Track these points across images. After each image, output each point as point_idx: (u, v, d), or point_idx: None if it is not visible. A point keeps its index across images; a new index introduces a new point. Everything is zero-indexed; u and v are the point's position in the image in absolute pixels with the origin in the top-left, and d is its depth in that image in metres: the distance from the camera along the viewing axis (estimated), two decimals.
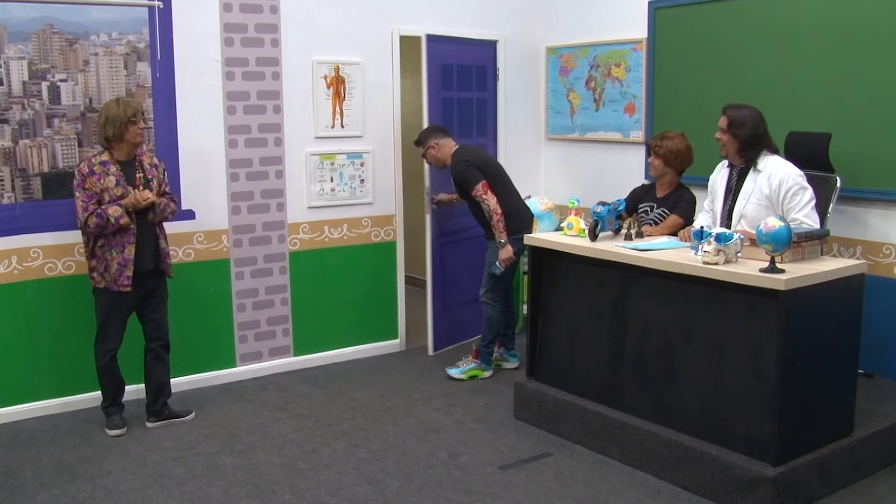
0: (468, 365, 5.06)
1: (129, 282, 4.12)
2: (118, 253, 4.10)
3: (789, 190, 3.77)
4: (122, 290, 4.13)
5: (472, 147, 5.12)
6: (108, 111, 4.08)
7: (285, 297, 5.21)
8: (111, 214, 4.01)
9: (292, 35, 5.04)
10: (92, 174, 4.06)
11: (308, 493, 3.64)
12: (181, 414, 4.47)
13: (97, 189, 4.05)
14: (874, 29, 4.23)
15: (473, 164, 4.82)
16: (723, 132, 3.95)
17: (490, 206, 4.75)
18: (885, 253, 4.34)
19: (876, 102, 4.26)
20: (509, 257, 4.82)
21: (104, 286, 4.14)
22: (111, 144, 4.11)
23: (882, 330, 4.33)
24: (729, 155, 4.00)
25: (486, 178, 4.79)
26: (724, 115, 3.95)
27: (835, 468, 3.56)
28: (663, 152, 4.46)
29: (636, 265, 3.82)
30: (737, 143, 3.91)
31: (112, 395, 4.34)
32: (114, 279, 4.11)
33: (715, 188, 4.12)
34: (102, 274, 4.13)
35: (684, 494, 3.59)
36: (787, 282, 3.27)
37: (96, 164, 4.09)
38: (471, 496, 3.60)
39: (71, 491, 3.67)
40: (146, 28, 4.62)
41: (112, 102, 4.12)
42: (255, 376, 5.09)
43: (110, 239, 4.09)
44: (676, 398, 3.74)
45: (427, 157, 5.03)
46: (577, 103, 5.87)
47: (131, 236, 4.11)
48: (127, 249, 4.10)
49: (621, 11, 5.51)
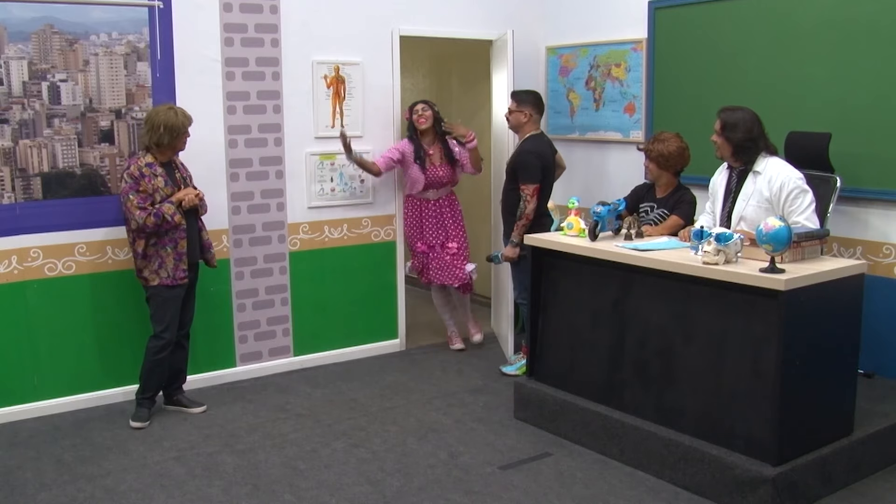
0: (521, 361, 5.07)
1: (185, 274, 4.35)
2: (172, 249, 4.29)
3: (790, 193, 3.77)
4: (181, 282, 4.35)
5: (547, 141, 5.07)
6: (168, 119, 4.23)
7: (285, 297, 5.21)
8: (167, 212, 4.20)
9: (292, 35, 5.04)
10: (143, 177, 4.20)
11: (308, 493, 3.64)
12: (189, 405, 4.59)
13: (150, 190, 4.20)
14: (874, 29, 4.23)
15: (540, 164, 4.85)
16: (717, 135, 3.97)
17: (527, 209, 4.81)
18: (885, 253, 4.33)
19: (876, 102, 4.25)
20: (513, 257, 4.87)
21: (158, 283, 4.29)
22: (159, 149, 4.28)
23: (882, 330, 4.33)
24: (724, 157, 4.02)
25: (540, 182, 4.84)
26: (718, 117, 3.97)
27: (835, 468, 3.56)
28: (654, 156, 4.47)
29: (636, 265, 3.82)
30: (730, 146, 3.93)
31: (154, 388, 4.49)
32: (171, 274, 4.29)
33: (715, 190, 4.13)
34: (157, 271, 4.28)
35: (684, 494, 3.59)
36: (787, 282, 3.27)
37: (143, 166, 4.23)
38: (471, 496, 3.60)
39: (71, 491, 3.68)
40: (146, 28, 4.62)
41: (169, 111, 4.27)
42: (255, 376, 5.09)
43: (163, 237, 4.26)
44: (676, 398, 3.74)
45: (512, 116, 5.01)
46: (577, 103, 5.86)
47: (182, 231, 4.31)
48: (180, 244, 4.32)
49: (621, 11, 5.51)
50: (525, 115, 4.93)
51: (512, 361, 5.25)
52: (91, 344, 4.59)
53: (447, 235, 5.46)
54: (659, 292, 3.79)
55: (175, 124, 4.24)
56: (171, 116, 4.24)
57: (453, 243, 5.45)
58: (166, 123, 4.22)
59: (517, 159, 4.91)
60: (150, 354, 4.38)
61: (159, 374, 4.44)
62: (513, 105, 4.99)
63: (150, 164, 4.25)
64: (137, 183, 4.18)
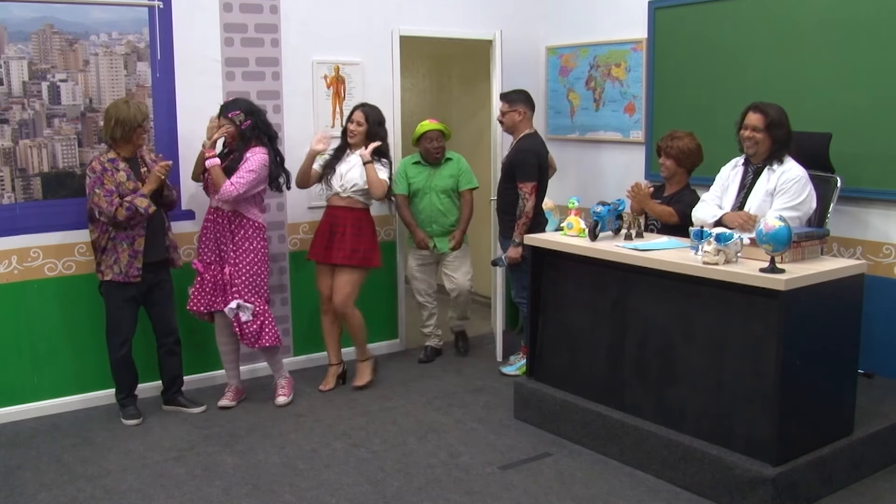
0: (521, 361, 5.09)
1: (139, 272, 4.26)
2: (128, 245, 4.23)
3: (788, 181, 3.80)
4: (133, 280, 4.26)
5: (541, 140, 5.09)
6: (119, 113, 4.16)
7: (285, 297, 5.21)
8: (139, 205, 4.15)
9: (292, 35, 5.04)
10: (105, 171, 4.17)
11: (308, 493, 3.64)
12: (188, 405, 4.58)
13: (114, 184, 4.15)
14: (874, 29, 4.23)
15: (536, 163, 4.86)
16: (757, 131, 3.87)
17: (526, 208, 4.81)
18: (885, 253, 4.33)
19: (876, 102, 4.25)
20: (517, 257, 4.85)
21: (111, 278, 4.24)
22: (117, 144, 4.22)
23: (882, 330, 4.33)
24: (758, 153, 3.93)
25: (537, 181, 4.85)
26: (758, 113, 3.87)
27: (835, 468, 3.56)
28: (675, 152, 4.46)
29: (636, 265, 3.82)
30: (771, 141, 3.86)
31: (127, 387, 4.46)
32: (124, 270, 4.23)
33: (727, 183, 4.09)
34: (111, 266, 4.23)
35: (684, 494, 3.59)
36: (787, 282, 3.27)
37: (105, 161, 4.20)
38: (471, 496, 3.60)
39: (71, 491, 3.67)
40: (146, 28, 4.62)
41: (122, 104, 4.19)
42: (255, 376, 5.09)
43: (121, 231, 4.20)
44: (676, 398, 3.74)
45: (506, 118, 4.99)
46: (577, 103, 5.86)
47: (141, 229, 4.25)
48: (137, 241, 4.24)
49: (621, 11, 5.51)
50: (519, 113, 4.94)
51: (511, 362, 5.25)
52: (91, 344, 4.58)
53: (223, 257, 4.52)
54: (659, 292, 3.79)
55: (126, 118, 4.13)
56: (122, 110, 4.15)
57: (227, 268, 4.47)
58: (117, 117, 4.14)
59: (515, 158, 4.91)
60: (111, 352, 4.36)
61: (125, 372, 4.41)
62: (505, 106, 4.99)
63: (113, 159, 4.20)
64: (102, 177, 4.14)
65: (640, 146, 5.45)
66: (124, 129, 4.16)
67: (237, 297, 4.42)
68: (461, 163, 5.41)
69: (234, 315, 4.43)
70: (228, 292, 4.44)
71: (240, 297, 4.42)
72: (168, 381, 4.59)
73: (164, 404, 4.61)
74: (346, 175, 4.76)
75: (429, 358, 5.44)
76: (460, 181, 5.36)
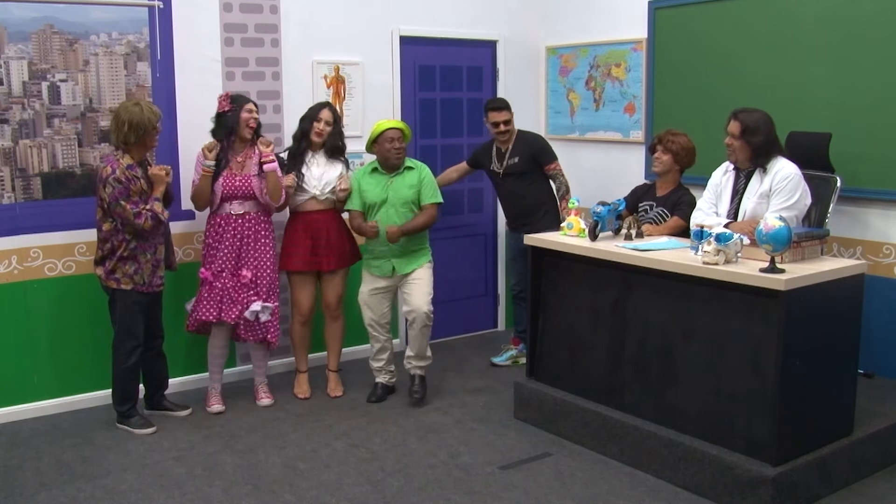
0: (510, 351, 5.28)
1: (162, 281, 4.21)
2: (151, 255, 4.15)
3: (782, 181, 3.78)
4: (156, 290, 4.21)
5: None
6: (131, 116, 3.98)
7: (285, 297, 5.20)
8: (158, 212, 4.07)
9: (292, 35, 5.04)
10: (129, 180, 4.01)
11: (308, 493, 3.64)
12: (174, 409, 4.52)
13: (138, 195, 4.04)
14: (874, 29, 4.23)
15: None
16: (734, 138, 3.84)
17: (566, 181, 5.03)
18: (885, 253, 4.33)
19: (876, 102, 4.25)
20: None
21: (132, 287, 4.12)
22: (129, 148, 4.07)
23: (882, 330, 4.33)
24: (738, 161, 3.91)
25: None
26: (735, 119, 3.84)
27: (835, 468, 3.56)
28: (676, 148, 4.45)
29: (636, 265, 3.82)
30: (749, 149, 3.82)
31: (135, 396, 4.33)
32: (146, 280, 4.15)
33: (720, 189, 4.09)
34: (131, 276, 4.11)
35: (684, 494, 3.59)
36: (787, 282, 3.27)
37: (125, 168, 4.02)
38: (471, 496, 3.60)
39: (71, 491, 3.67)
40: (146, 28, 4.62)
41: (133, 106, 4.02)
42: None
43: (143, 241, 4.10)
44: (676, 398, 3.74)
45: (510, 124, 5.03)
46: (577, 103, 5.86)
47: (160, 237, 4.19)
48: (158, 250, 4.19)
49: (621, 11, 5.51)
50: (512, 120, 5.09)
51: (502, 351, 5.34)
52: (91, 344, 4.58)
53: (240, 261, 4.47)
54: (659, 292, 3.79)
55: (140, 121, 3.97)
56: (135, 113, 3.97)
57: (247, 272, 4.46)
58: (130, 121, 3.96)
59: (535, 145, 5.09)
60: (121, 361, 4.19)
61: (135, 380, 4.30)
62: (508, 115, 5.02)
63: (131, 165, 4.03)
64: (127, 188, 3.98)
65: (640, 146, 5.45)
66: (138, 133, 3.99)
67: (257, 299, 4.43)
68: (424, 171, 4.66)
69: (254, 317, 4.44)
70: (245, 296, 4.42)
71: (260, 298, 4.44)
72: (155, 385, 4.48)
73: (147, 409, 4.47)
74: (324, 177, 4.61)
75: (379, 398, 4.72)
76: (422, 193, 4.59)
